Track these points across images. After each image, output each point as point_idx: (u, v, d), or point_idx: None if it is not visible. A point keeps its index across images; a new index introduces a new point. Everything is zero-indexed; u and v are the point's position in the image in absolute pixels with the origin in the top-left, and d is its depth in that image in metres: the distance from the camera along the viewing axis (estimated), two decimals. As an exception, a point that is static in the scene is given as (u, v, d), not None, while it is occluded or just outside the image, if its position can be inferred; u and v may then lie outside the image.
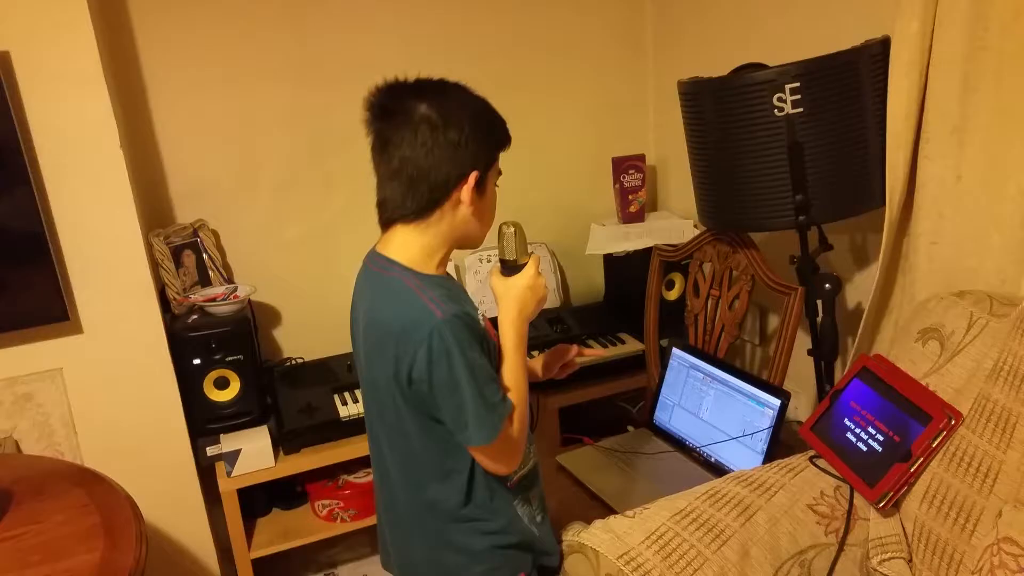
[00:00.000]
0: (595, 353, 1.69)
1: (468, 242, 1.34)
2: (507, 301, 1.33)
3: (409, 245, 1.29)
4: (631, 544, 1.46)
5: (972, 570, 1.36)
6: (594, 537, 1.48)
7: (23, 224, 1.80)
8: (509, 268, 1.36)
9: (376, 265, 1.31)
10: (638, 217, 2.55)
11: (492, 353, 1.31)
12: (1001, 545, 1.30)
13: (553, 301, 2.56)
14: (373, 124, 1.26)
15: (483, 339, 1.27)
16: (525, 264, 1.35)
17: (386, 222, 1.31)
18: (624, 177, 2.51)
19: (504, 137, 1.30)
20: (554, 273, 2.59)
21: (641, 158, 2.52)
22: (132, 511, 1.54)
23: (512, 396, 1.29)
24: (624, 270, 2.51)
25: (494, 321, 1.36)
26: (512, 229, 1.35)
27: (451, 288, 1.30)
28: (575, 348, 1.65)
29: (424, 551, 1.38)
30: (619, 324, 2.50)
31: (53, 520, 1.52)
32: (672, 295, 2.40)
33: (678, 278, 2.40)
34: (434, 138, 1.21)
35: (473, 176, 1.24)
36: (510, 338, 1.32)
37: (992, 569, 1.30)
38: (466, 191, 1.24)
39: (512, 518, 1.39)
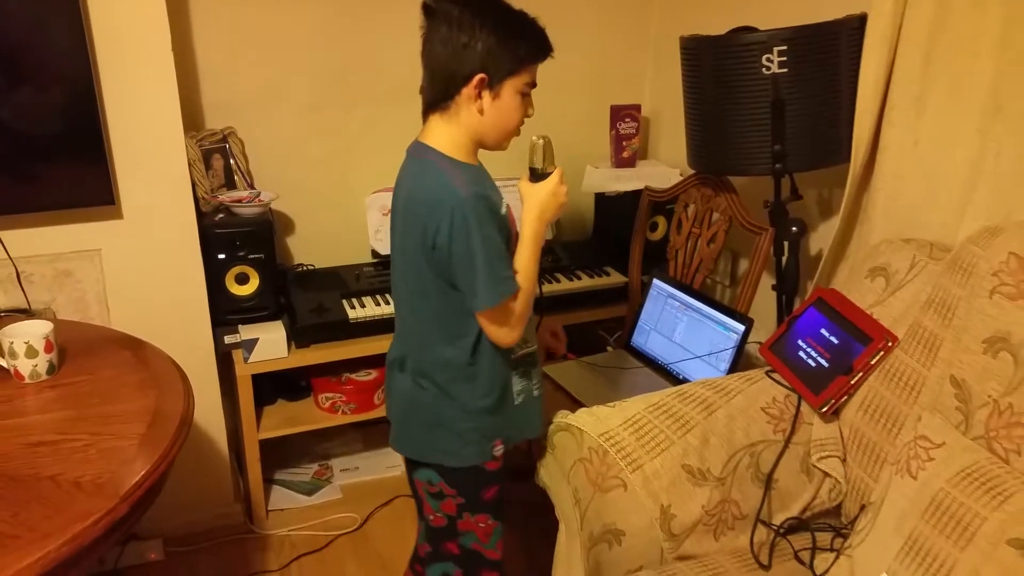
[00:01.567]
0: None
1: (487, 141, 1.52)
2: (530, 202, 1.55)
3: (440, 133, 1.50)
4: (611, 426, 1.71)
5: (892, 462, 1.63)
6: (579, 419, 1.73)
7: (81, 115, 1.97)
8: (536, 176, 1.57)
9: (417, 152, 1.53)
10: (630, 162, 2.77)
11: (510, 240, 1.53)
12: (917, 441, 1.56)
13: (545, 234, 2.78)
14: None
15: (502, 222, 1.48)
16: (550, 173, 1.57)
17: (424, 111, 1.52)
18: (620, 124, 2.73)
19: (530, 52, 1.46)
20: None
21: (637, 108, 2.74)
22: (178, 371, 1.74)
23: (520, 279, 1.50)
24: (613, 209, 2.73)
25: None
26: (542, 141, 1.56)
27: (477, 174, 1.52)
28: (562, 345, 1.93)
29: (429, 401, 1.60)
30: (605, 258, 2.73)
31: (106, 373, 1.73)
32: (655, 236, 2.63)
33: (661, 221, 2.64)
34: (448, 35, 1.41)
35: (477, 78, 1.42)
36: (528, 233, 1.53)
37: (908, 460, 1.56)
38: (469, 90, 1.43)
39: (506, 390, 1.61)
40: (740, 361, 2.10)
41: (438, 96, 1.48)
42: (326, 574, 2.28)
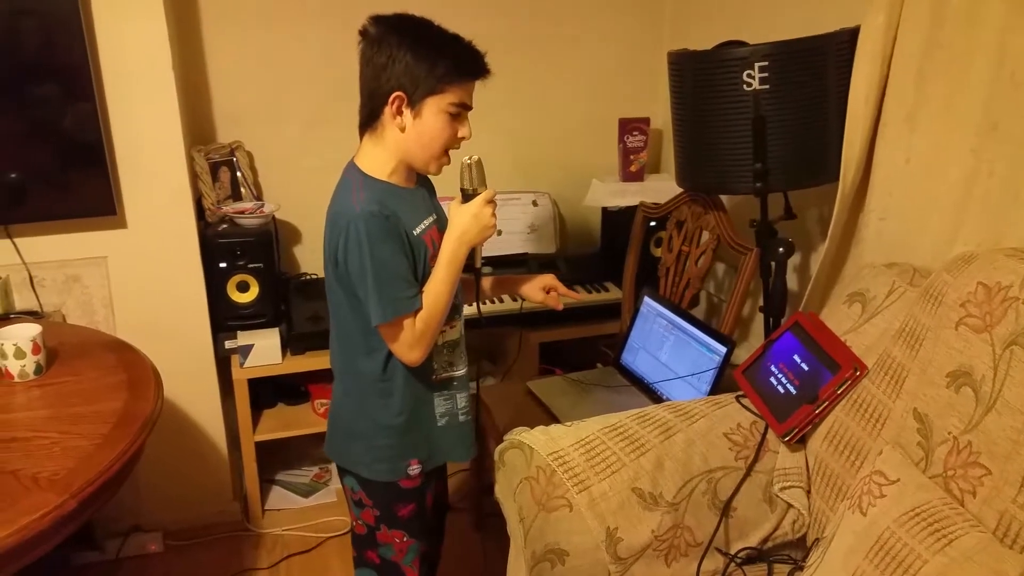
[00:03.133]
0: (573, 295, 1.89)
1: (414, 161, 1.53)
2: (453, 222, 1.55)
3: (366, 153, 1.54)
4: (562, 445, 1.70)
5: (847, 496, 1.57)
6: (531, 437, 1.73)
7: (85, 130, 2.09)
8: (467, 197, 1.57)
9: (345, 170, 1.57)
10: (638, 176, 2.75)
11: (420, 258, 1.53)
12: (872, 476, 1.51)
13: (549, 247, 2.78)
14: None
15: (406, 241, 1.49)
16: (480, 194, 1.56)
17: (359, 131, 1.56)
18: (628, 138, 2.71)
19: (450, 72, 1.45)
20: (553, 221, 2.81)
21: (646, 121, 2.71)
22: (153, 375, 1.82)
23: (425, 299, 1.51)
24: (620, 224, 2.70)
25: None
26: (470, 162, 1.56)
27: (390, 192, 1.52)
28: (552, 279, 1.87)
29: (349, 412, 1.66)
30: (607, 274, 2.71)
31: (88, 375, 1.83)
32: (660, 251, 2.60)
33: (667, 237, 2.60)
34: (372, 56, 1.45)
35: (394, 95, 1.45)
36: (444, 254, 1.54)
37: (861, 495, 1.51)
38: (390, 108, 1.46)
39: (422, 410, 1.63)
40: (722, 383, 2.05)
41: (367, 116, 1.52)
42: (312, 574, 2.34)
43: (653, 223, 2.52)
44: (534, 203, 2.79)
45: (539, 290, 1.83)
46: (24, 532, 1.33)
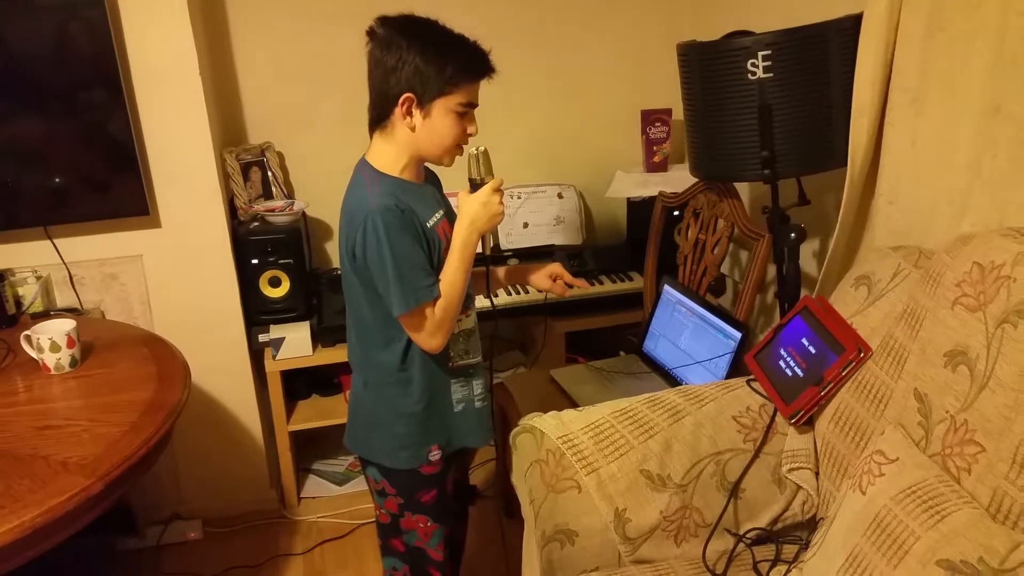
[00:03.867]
0: (579, 283, 1.94)
1: (426, 156, 1.61)
2: (462, 211, 1.61)
3: (378, 150, 1.60)
4: (572, 429, 1.75)
5: (850, 476, 1.59)
6: (542, 421, 1.78)
7: (118, 135, 2.21)
8: (475, 186, 1.63)
9: (357, 167, 1.64)
10: (661, 167, 2.77)
11: (434, 249, 1.59)
12: (873, 456, 1.52)
13: (575, 239, 2.82)
14: None
15: (422, 233, 1.56)
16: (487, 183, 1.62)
17: (369, 129, 1.62)
18: (650, 129, 2.74)
19: (458, 73, 1.50)
20: (579, 212, 2.85)
21: (668, 112, 2.73)
22: (182, 368, 1.92)
23: (442, 287, 1.57)
24: (645, 215, 2.72)
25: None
26: (477, 152, 1.61)
27: (402, 187, 1.58)
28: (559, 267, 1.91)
29: (369, 403, 1.72)
30: (632, 264, 2.75)
31: (120, 367, 1.93)
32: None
33: (690, 225, 2.62)
34: (380, 58, 1.50)
35: (404, 98, 1.50)
36: (456, 243, 1.60)
37: (862, 474, 1.52)
38: (399, 111, 1.52)
39: (440, 397, 1.69)
40: (737, 369, 2.08)
41: (377, 115, 1.57)
42: (346, 559, 2.43)
43: (676, 212, 2.54)
44: (559, 195, 2.84)
45: (546, 278, 1.88)
46: (52, 512, 1.42)
